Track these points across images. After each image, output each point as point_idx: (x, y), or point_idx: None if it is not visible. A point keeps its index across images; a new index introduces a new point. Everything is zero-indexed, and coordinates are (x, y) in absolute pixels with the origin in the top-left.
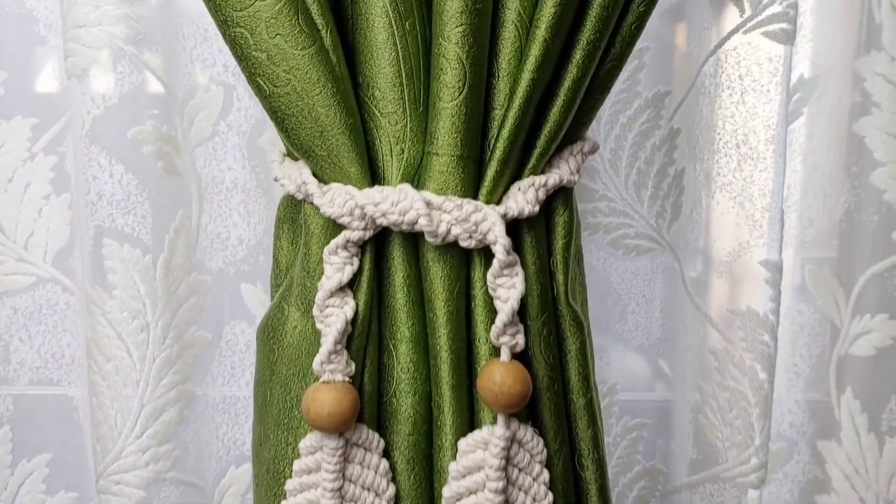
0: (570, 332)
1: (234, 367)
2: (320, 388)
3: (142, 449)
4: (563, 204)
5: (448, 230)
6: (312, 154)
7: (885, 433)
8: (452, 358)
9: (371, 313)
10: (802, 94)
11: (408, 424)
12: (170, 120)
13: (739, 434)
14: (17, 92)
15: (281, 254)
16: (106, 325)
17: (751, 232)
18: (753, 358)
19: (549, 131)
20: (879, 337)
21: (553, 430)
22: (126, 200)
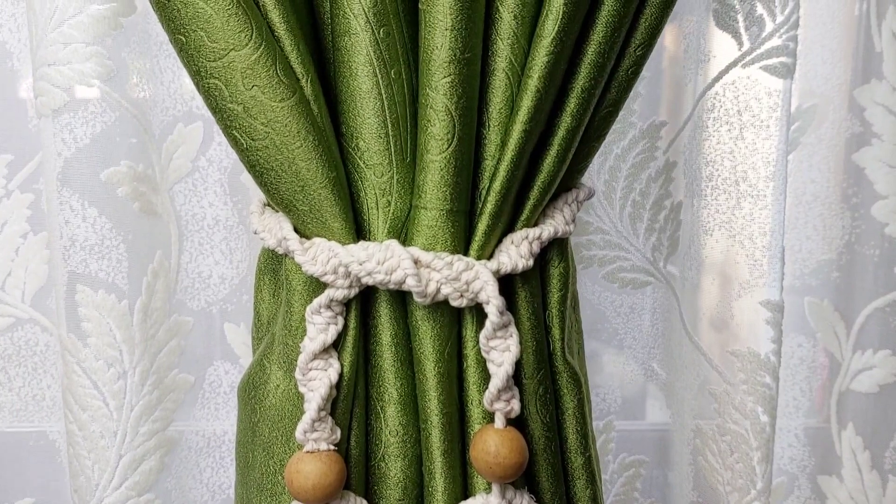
0: (567, 390)
1: (217, 409)
2: (304, 458)
3: (121, 501)
4: (559, 255)
5: (438, 289)
6: (294, 209)
7: (888, 471)
8: (443, 422)
9: (357, 374)
10: (801, 124)
11: (398, 490)
12: (146, 158)
13: (741, 478)
14: None
15: (262, 306)
16: (81, 375)
17: (751, 271)
18: (755, 401)
19: (543, 182)
20: (882, 374)
21: (550, 492)
22: (100, 245)
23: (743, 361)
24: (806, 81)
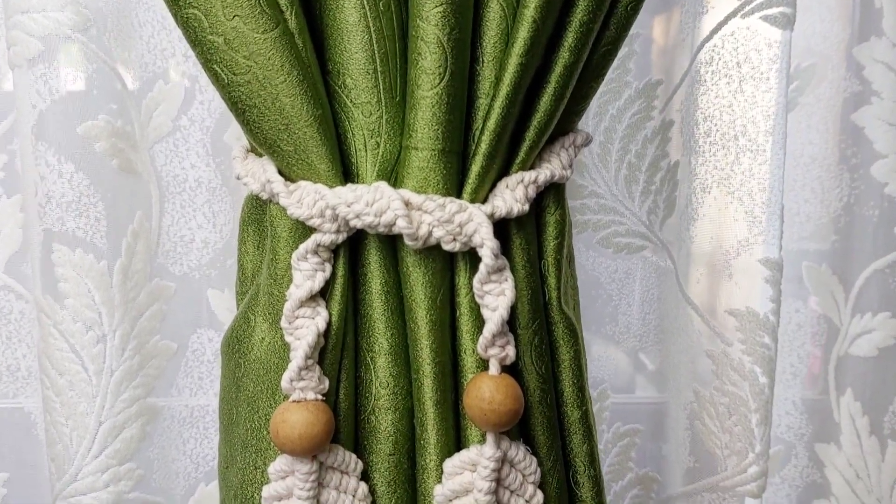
0: (564, 341)
1: (201, 378)
2: (290, 407)
3: (100, 469)
4: (555, 202)
5: (429, 232)
6: (278, 150)
7: (887, 436)
8: (436, 371)
9: (346, 324)
10: (799, 84)
11: (388, 444)
12: (125, 114)
13: (739, 441)
14: None
15: (246, 259)
16: (58, 338)
17: (750, 229)
18: (753, 361)
19: (539, 122)
20: (881, 336)
21: (546, 446)
22: (77, 202)
23: (741, 321)
24: (804, 40)
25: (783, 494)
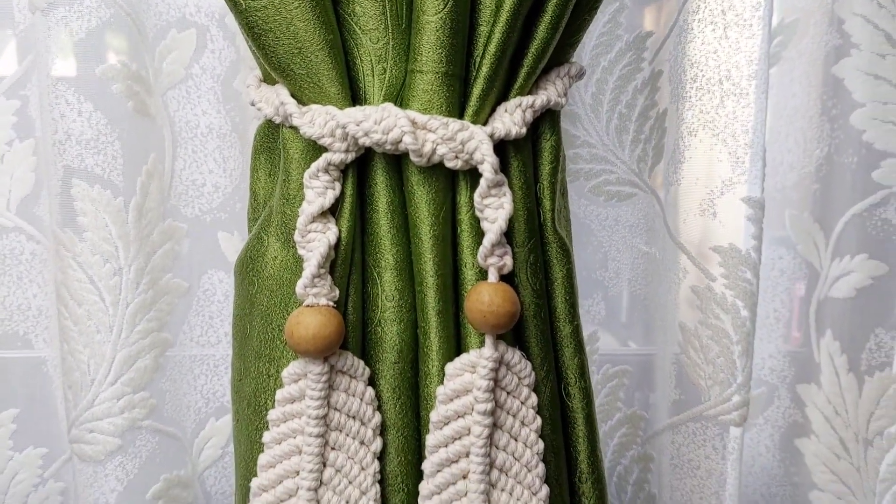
0: (557, 259)
1: (212, 318)
2: (304, 311)
3: (116, 396)
4: (550, 128)
5: (433, 150)
6: (291, 73)
7: (864, 372)
8: (438, 283)
9: (354, 240)
10: (783, 38)
11: (393, 352)
12: (139, 58)
13: (722, 372)
14: None
15: (258, 185)
16: (77, 269)
17: (733, 169)
18: (735, 295)
19: (536, 49)
20: (859, 277)
21: (540, 357)
22: (96, 140)
23: (724, 257)
24: None
25: (766, 435)
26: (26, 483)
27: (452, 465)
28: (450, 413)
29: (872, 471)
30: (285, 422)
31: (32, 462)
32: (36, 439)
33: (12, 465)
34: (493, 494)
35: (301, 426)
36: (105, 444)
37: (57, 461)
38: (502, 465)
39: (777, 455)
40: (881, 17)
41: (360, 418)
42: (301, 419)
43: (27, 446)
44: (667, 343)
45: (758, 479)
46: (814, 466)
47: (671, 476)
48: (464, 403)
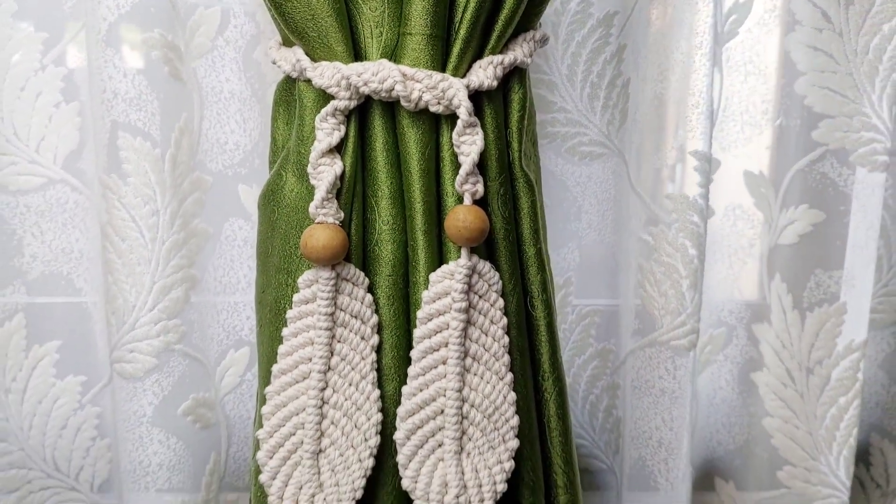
0: (523, 192)
1: (233, 260)
2: (316, 227)
3: (153, 321)
4: (519, 83)
5: (420, 97)
6: (305, 36)
7: (805, 309)
8: (424, 208)
9: (356, 173)
10: (738, 17)
11: (388, 267)
12: (174, 31)
13: (672, 303)
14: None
15: (278, 133)
16: (121, 209)
17: (683, 127)
18: (685, 237)
19: (505, 17)
20: (802, 225)
21: (508, 272)
22: (138, 98)
23: (675, 203)
24: None
25: (726, 370)
26: (66, 407)
27: (434, 352)
28: (433, 311)
29: (814, 396)
30: (300, 319)
31: (72, 388)
32: (76, 368)
33: (54, 391)
34: (466, 377)
35: (313, 322)
36: (143, 363)
37: (94, 387)
38: (475, 354)
39: (735, 388)
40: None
41: (361, 318)
42: (313, 317)
43: (68, 374)
44: (629, 282)
45: (718, 410)
46: (765, 395)
47: (632, 396)
48: (444, 303)
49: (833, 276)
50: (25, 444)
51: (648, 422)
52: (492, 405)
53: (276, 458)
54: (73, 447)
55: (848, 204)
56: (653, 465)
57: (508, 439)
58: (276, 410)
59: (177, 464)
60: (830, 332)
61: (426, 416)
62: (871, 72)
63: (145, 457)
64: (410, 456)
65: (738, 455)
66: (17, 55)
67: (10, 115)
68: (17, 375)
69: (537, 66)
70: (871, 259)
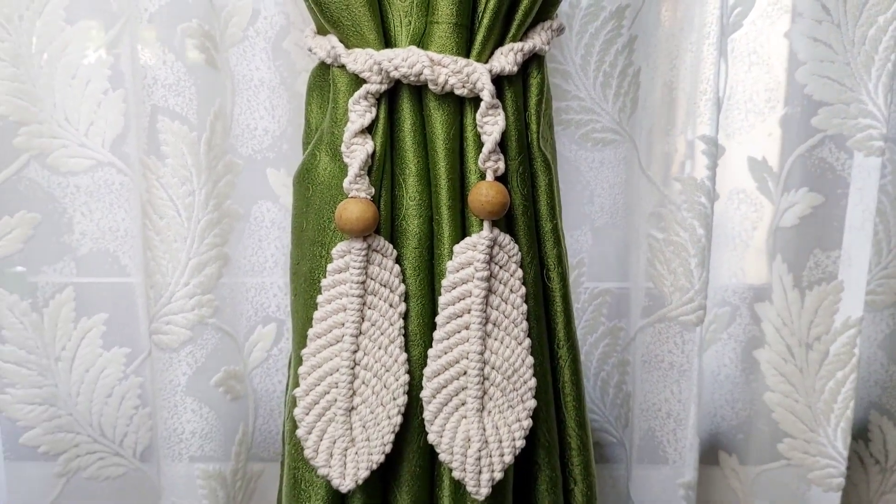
0: (541, 171)
1: (261, 240)
2: (349, 201)
3: (188, 295)
4: (537, 69)
5: (446, 80)
6: (340, 24)
7: (805, 287)
8: (449, 184)
9: (385, 153)
10: (742, 9)
11: (414, 240)
12: (210, 21)
13: (681, 280)
14: None
15: (311, 116)
16: (160, 189)
17: (692, 112)
18: (693, 217)
19: (525, 6)
20: (801, 207)
21: (526, 245)
22: (176, 84)
23: (684, 185)
24: None
25: (730, 348)
26: (112, 377)
27: (458, 318)
28: (457, 280)
29: (812, 370)
30: (334, 287)
31: (118, 359)
32: (121, 340)
33: (101, 361)
34: (487, 342)
35: (346, 290)
36: (179, 335)
37: (137, 359)
38: (495, 321)
39: (739, 365)
40: None
41: (389, 286)
42: (346, 285)
43: (113, 346)
44: (640, 261)
45: (722, 386)
46: (767, 371)
47: (642, 371)
48: (467, 273)
49: (831, 255)
50: (73, 410)
51: (657, 394)
52: (511, 367)
53: (311, 414)
54: (117, 415)
55: (845, 187)
56: (661, 435)
57: (526, 399)
58: (312, 371)
59: (209, 432)
60: (828, 310)
61: (450, 376)
62: (867, 61)
63: (179, 424)
64: (436, 413)
65: (740, 429)
66: (68, 47)
67: (62, 102)
68: (67, 345)
69: (553, 56)
70: (867, 239)
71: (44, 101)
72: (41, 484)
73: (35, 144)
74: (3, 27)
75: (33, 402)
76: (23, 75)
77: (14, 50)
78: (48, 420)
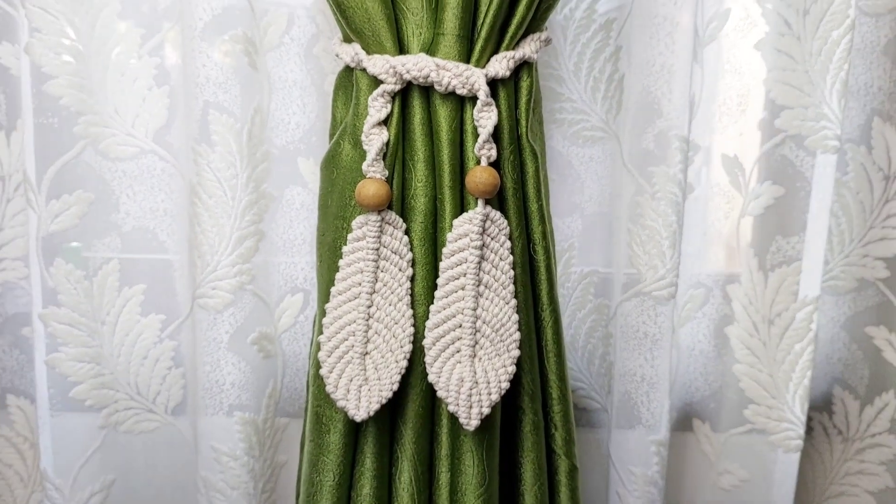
0: (529, 159)
1: (291, 221)
2: (367, 180)
3: (231, 264)
4: (527, 74)
5: (449, 82)
6: (362, 34)
7: (768, 269)
8: (451, 169)
9: (398, 142)
10: (717, 23)
11: (421, 215)
12: (252, 28)
13: (654, 259)
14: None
15: (337, 111)
16: (209, 171)
17: (668, 112)
18: (666, 205)
19: (517, 21)
20: (766, 198)
21: (515, 221)
22: (225, 83)
23: (659, 178)
24: None
25: (704, 325)
26: (148, 341)
27: (455, 280)
28: (454, 248)
29: (774, 344)
30: (353, 253)
31: (154, 325)
32: (157, 308)
33: (138, 327)
34: (479, 300)
35: (363, 255)
36: (223, 299)
37: (171, 325)
38: (486, 283)
39: (712, 341)
40: (782, 7)
41: (398, 253)
42: (363, 251)
43: (150, 313)
44: (620, 244)
45: (697, 360)
46: (735, 346)
47: (621, 341)
48: (464, 242)
49: (790, 241)
50: (115, 369)
51: (633, 361)
52: (499, 322)
53: (333, 356)
54: (152, 375)
55: (803, 181)
56: (636, 397)
57: (512, 349)
58: (334, 321)
59: (245, 384)
60: (788, 290)
61: (448, 328)
62: (823, 70)
63: (221, 376)
64: (435, 357)
65: (712, 399)
66: (118, 47)
67: (112, 96)
68: (111, 311)
69: (548, 63)
70: (823, 227)
71: (97, 94)
72: (84, 436)
73: (91, 132)
74: (69, 30)
75: (82, 360)
76: (82, 71)
77: (76, 49)
78: (94, 377)
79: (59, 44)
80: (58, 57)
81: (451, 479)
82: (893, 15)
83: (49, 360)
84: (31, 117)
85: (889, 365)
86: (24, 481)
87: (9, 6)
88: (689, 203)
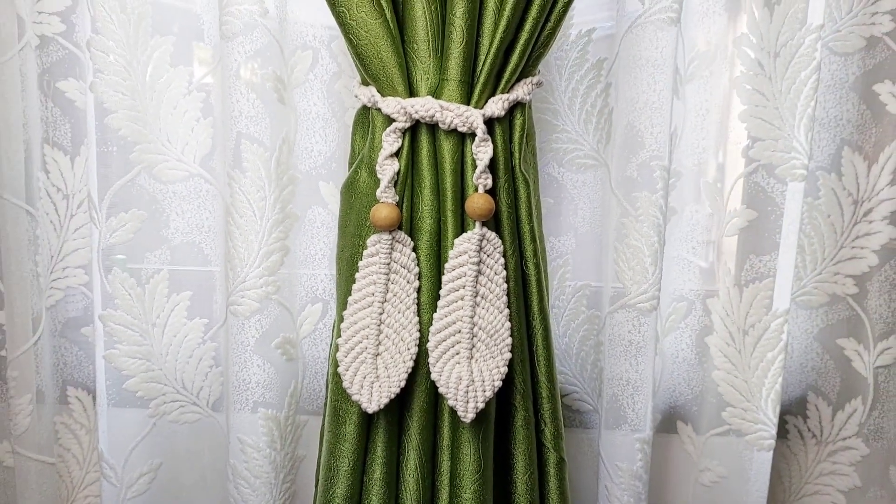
0: (522, 187)
1: (312, 238)
2: (381, 205)
3: (258, 276)
4: (520, 113)
5: (452, 121)
6: (378, 79)
7: (742, 285)
8: (453, 195)
9: (407, 171)
10: (699, 62)
11: (427, 234)
12: (280, 67)
13: (638, 275)
14: (181, 50)
15: (356, 144)
16: (240, 194)
17: (650, 140)
18: (649, 227)
19: (511, 69)
20: (740, 220)
21: (509, 241)
22: (256, 117)
23: (642, 202)
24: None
25: (686, 336)
26: (193, 342)
27: (455, 291)
28: (455, 264)
29: (748, 352)
30: (367, 267)
31: (198, 328)
32: (201, 313)
33: (184, 329)
34: (476, 309)
35: (376, 269)
36: (250, 306)
37: (213, 328)
38: (483, 294)
39: (693, 350)
40: (755, 49)
41: (407, 267)
42: (376, 266)
43: (195, 317)
44: (608, 261)
45: (680, 367)
46: (714, 354)
47: (609, 348)
48: (463, 259)
49: (762, 259)
50: (163, 366)
51: (620, 366)
52: (493, 328)
53: (349, 356)
54: (195, 372)
55: (774, 206)
56: (623, 399)
57: (504, 352)
58: (350, 326)
59: (269, 384)
60: (761, 303)
61: (448, 333)
62: (791, 107)
63: (247, 376)
64: (437, 359)
65: (694, 402)
66: (171, 85)
67: (165, 127)
68: (160, 314)
69: (545, 98)
70: (792, 247)
71: (151, 125)
72: (135, 424)
73: (145, 159)
74: (125, 70)
75: (135, 356)
76: (138, 105)
77: (132, 87)
78: (144, 372)
79: (118, 83)
80: (117, 94)
81: (451, 466)
82: (860, 55)
83: (107, 356)
84: (95, 146)
85: (858, 374)
86: (80, 463)
87: (75, 47)
88: (671, 224)
